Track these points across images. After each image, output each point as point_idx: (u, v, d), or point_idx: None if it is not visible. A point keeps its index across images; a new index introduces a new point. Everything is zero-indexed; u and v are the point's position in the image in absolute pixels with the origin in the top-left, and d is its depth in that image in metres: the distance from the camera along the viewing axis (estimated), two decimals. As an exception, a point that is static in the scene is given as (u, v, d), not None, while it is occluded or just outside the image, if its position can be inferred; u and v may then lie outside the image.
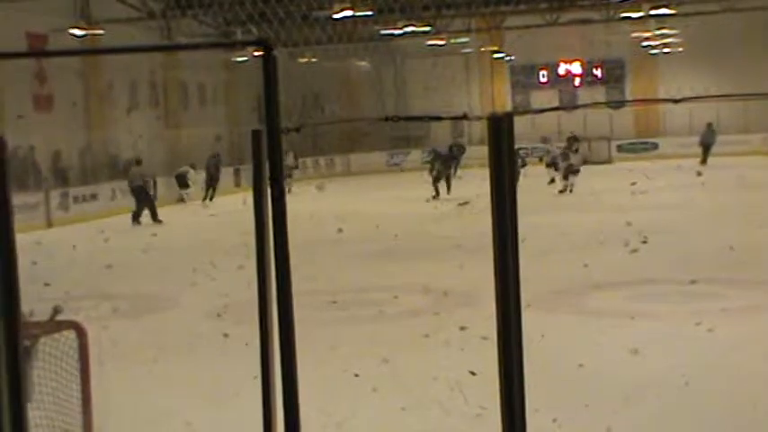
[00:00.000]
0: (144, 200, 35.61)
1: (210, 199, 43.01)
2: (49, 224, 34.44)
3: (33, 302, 6.50)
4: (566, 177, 35.27)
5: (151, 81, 51.88)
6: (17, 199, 5.91)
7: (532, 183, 33.55)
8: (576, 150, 38.89)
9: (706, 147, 48.71)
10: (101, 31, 43.05)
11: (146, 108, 51.50)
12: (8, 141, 5.83)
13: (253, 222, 4.80)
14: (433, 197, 35.70)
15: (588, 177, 42.72)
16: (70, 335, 8.27)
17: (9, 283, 6.27)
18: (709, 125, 48.74)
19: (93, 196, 39.89)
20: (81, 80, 45.54)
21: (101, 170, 44.32)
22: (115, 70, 47.41)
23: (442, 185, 36.30)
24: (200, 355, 14.25)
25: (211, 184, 44.08)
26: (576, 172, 34.98)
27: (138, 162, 37.26)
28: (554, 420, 8.00)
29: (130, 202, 36.69)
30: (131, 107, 50.14)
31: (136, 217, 35.08)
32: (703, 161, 48.01)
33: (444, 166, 37.89)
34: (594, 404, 11.24)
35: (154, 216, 35.16)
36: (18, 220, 6.54)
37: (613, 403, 11.38)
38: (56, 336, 7.97)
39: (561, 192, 36.35)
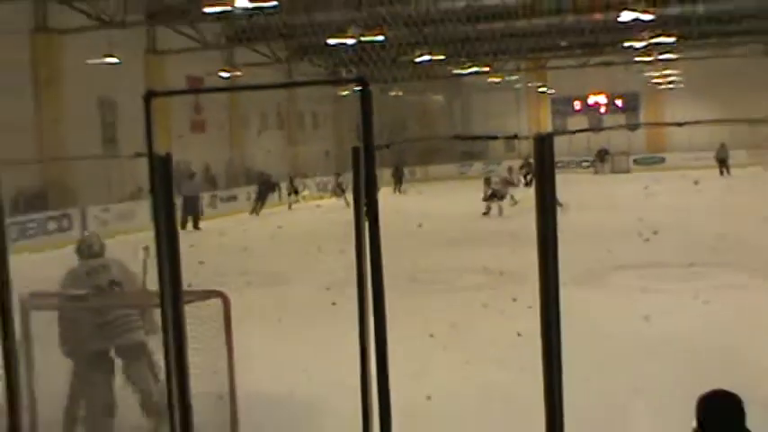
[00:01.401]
0: (191, 211, 32.15)
1: (257, 213, 39.04)
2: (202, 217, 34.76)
3: (191, 277, 6.61)
4: (489, 199, 32.10)
5: (277, 110, 52.20)
6: (178, 199, 6.00)
7: (566, 188, 33.27)
8: (522, 180, 36.34)
9: (721, 161, 47.13)
10: (240, 73, 43.40)
11: (273, 130, 51.84)
12: (173, 156, 5.95)
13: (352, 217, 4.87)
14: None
15: (612, 184, 42.51)
16: (217, 301, 8.40)
17: (174, 262, 6.39)
18: (723, 144, 47.37)
19: (234, 197, 40.28)
20: (226, 110, 45.99)
21: (239, 178, 44.67)
22: (251, 102, 47.93)
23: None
24: (314, 318, 14.35)
25: (260, 198, 39.11)
26: (502, 197, 31.98)
27: (192, 176, 34.52)
28: (583, 371, 8.00)
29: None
30: (262, 129, 50.52)
31: (183, 224, 30.01)
32: (721, 172, 46.71)
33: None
34: (615, 358, 11.24)
35: (196, 224, 32.16)
36: (179, 215, 6.67)
37: (630, 358, 11.37)
38: (207, 302, 8.10)
39: (484, 214, 31.89)
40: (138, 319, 9.02)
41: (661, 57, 48.42)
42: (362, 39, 36.27)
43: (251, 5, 28.74)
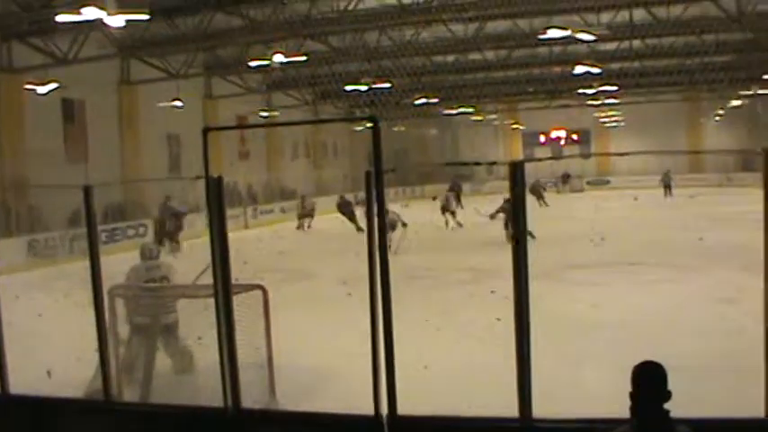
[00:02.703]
0: (167, 231, 27.17)
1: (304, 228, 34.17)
2: (246, 227, 34.75)
3: (237, 273, 6.63)
4: (443, 213, 30.78)
5: (305, 141, 52.27)
6: (228, 212, 6.02)
7: (534, 204, 33.40)
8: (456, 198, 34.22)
9: (666, 184, 45.29)
10: (276, 113, 43.52)
11: (302, 157, 51.91)
12: (224, 178, 5.97)
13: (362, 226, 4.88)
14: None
15: (569, 201, 42.43)
16: (258, 293, 8.41)
17: (225, 262, 6.41)
18: (668, 171, 45.90)
19: (271, 210, 40.20)
20: (265, 142, 46.03)
21: (275, 195, 44.68)
22: (284, 135, 48.04)
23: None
24: (334, 306, 14.34)
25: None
26: (453, 213, 30.94)
27: (168, 198, 28.88)
28: (546, 346, 7.99)
29: (291, 216, 37.01)
30: (293, 157, 50.58)
31: (161, 241, 25.20)
32: (665, 194, 44.83)
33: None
34: (570, 336, 11.24)
35: (172, 240, 26.88)
36: (228, 224, 6.69)
37: (582, 336, 11.38)
38: (250, 293, 8.13)
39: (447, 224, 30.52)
40: (174, 305, 9.73)
41: (607, 101, 48.51)
42: (373, 86, 36.38)
43: (285, 60, 28.82)
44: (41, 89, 26.99)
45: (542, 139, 61.25)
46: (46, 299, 13.71)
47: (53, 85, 27.18)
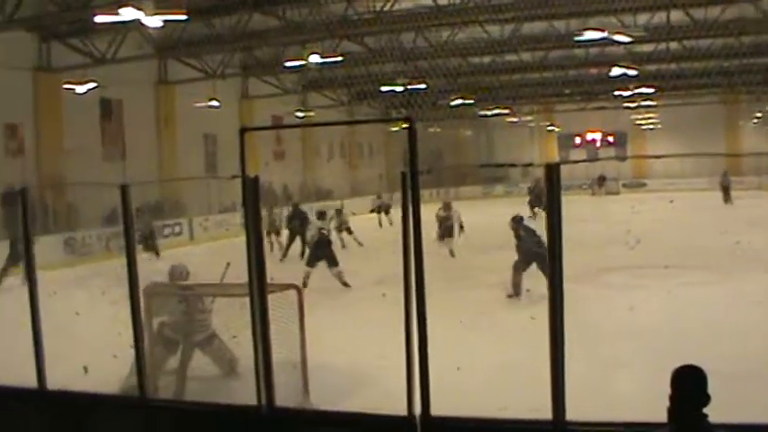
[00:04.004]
0: (145, 241, 23.61)
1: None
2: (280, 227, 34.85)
3: (272, 272, 6.65)
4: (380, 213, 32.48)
5: (341, 142, 52.39)
6: (263, 211, 6.02)
7: (569, 206, 33.00)
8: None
9: (724, 186, 41.98)
10: (313, 113, 43.61)
11: (337, 158, 52.02)
12: (260, 178, 5.98)
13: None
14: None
15: (605, 203, 42.15)
16: (293, 292, 8.44)
17: (260, 261, 6.42)
18: (725, 172, 42.65)
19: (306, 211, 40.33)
20: (300, 142, 46.21)
21: (310, 194, 44.82)
22: (320, 136, 48.18)
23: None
24: (368, 306, 14.34)
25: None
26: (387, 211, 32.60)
27: (140, 210, 23.05)
28: (581, 349, 7.91)
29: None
30: (329, 157, 50.71)
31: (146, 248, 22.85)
32: (725, 200, 41.28)
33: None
34: (605, 339, 11.16)
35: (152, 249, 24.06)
36: (263, 224, 6.71)
37: (616, 339, 11.30)
38: (285, 292, 8.15)
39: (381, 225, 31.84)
40: (207, 323, 9.80)
41: (643, 103, 48.13)
42: (409, 86, 36.37)
43: (321, 60, 28.91)
44: (80, 88, 27.31)
45: (578, 141, 60.86)
46: (82, 296, 13.81)
47: (91, 85, 27.50)
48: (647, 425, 4.45)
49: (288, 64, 31.22)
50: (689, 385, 4.10)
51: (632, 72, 33.71)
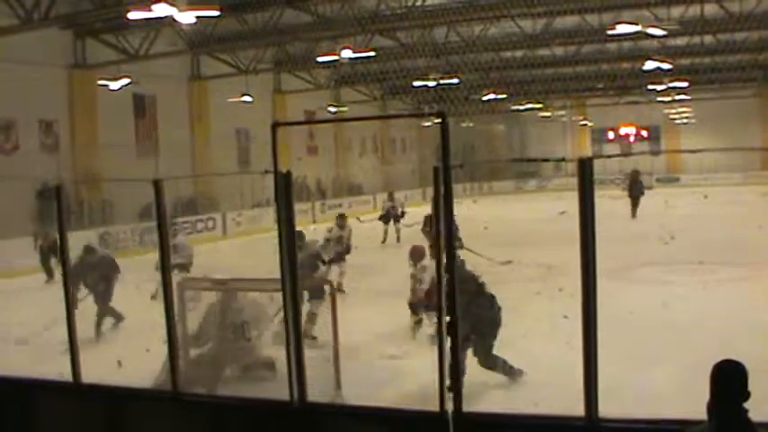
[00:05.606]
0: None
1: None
2: (314, 221, 34.84)
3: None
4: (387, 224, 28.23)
5: (373, 137, 52.40)
6: (297, 207, 6.03)
7: (602, 201, 32.82)
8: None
9: None
10: (345, 108, 43.61)
11: (370, 153, 52.03)
12: (293, 173, 5.98)
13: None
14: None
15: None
16: (326, 286, 8.45)
17: (292, 255, 6.42)
18: None
19: (339, 205, 40.17)
20: (333, 137, 46.28)
21: (343, 189, 44.91)
22: (353, 131, 48.24)
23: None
24: (399, 302, 14.29)
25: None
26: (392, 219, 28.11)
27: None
28: (614, 345, 7.87)
29: (357, 212, 36.88)
30: (362, 152, 50.73)
31: None
32: None
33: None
34: (639, 335, 11.09)
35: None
36: (297, 218, 6.71)
37: (651, 335, 11.22)
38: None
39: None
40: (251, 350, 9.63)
41: (677, 97, 47.68)
42: (441, 81, 36.30)
43: (354, 55, 28.90)
44: (114, 84, 27.50)
45: (611, 135, 60.48)
46: (117, 291, 13.90)
47: (125, 81, 27.68)
48: (682, 422, 4.39)
49: (320, 59, 31.24)
50: (730, 380, 4.04)
51: (666, 66, 33.40)
